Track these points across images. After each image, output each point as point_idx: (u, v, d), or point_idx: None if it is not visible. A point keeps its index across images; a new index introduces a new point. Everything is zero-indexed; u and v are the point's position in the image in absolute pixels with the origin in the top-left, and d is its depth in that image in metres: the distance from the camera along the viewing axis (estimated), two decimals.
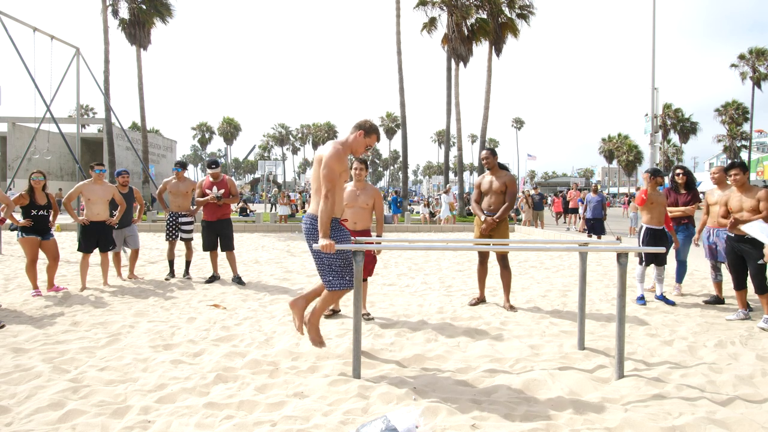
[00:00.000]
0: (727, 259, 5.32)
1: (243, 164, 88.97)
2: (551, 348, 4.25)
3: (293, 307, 3.83)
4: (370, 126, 3.68)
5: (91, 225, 6.86)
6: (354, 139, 3.67)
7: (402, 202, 23.20)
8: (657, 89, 16.76)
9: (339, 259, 3.54)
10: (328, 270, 3.56)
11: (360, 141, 3.66)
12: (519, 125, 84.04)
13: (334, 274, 3.55)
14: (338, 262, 3.55)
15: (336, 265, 3.54)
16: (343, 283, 3.56)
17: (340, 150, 3.55)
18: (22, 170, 22.93)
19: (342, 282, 3.56)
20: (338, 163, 3.51)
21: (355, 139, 3.67)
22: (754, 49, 42.48)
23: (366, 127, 3.67)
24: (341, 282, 3.56)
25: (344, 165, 3.57)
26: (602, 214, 12.98)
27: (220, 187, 7.30)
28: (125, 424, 2.82)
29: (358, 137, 3.66)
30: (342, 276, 3.56)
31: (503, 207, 5.67)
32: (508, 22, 25.75)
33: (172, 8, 27.48)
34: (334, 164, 3.49)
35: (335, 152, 3.52)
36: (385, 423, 2.56)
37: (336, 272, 3.55)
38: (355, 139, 3.67)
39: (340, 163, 3.52)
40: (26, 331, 4.70)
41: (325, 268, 3.57)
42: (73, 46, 14.82)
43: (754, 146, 47.57)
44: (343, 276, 3.56)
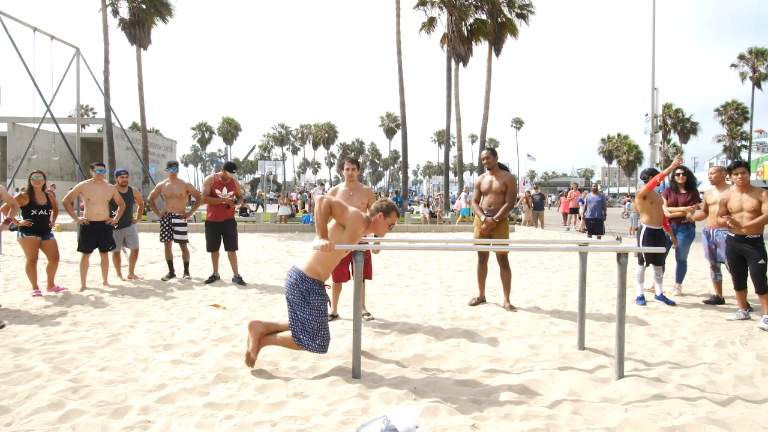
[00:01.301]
0: (728, 259, 5.32)
1: (243, 164, 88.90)
2: (551, 348, 4.25)
3: (251, 328, 3.72)
4: (387, 206, 3.69)
5: (91, 225, 6.86)
6: (375, 221, 3.68)
7: (402, 202, 23.19)
8: (657, 89, 16.76)
9: (314, 321, 3.50)
10: (300, 328, 3.52)
11: (381, 223, 3.68)
12: (519, 125, 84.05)
13: (306, 334, 3.51)
14: (312, 323, 3.50)
15: (309, 326, 3.50)
16: (312, 346, 3.52)
17: (364, 221, 3.62)
18: (22, 170, 22.94)
19: (311, 344, 3.51)
20: (355, 218, 3.54)
21: (376, 222, 3.68)
22: (754, 49, 42.49)
23: (383, 208, 3.68)
24: (310, 343, 3.51)
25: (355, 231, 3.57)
26: (602, 214, 12.99)
27: (229, 189, 7.32)
28: (125, 424, 2.82)
29: (378, 220, 3.68)
30: (312, 338, 3.51)
31: (503, 207, 5.67)
32: (508, 22, 25.76)
33: (172, 8, 27.46)
34: (352, 219, 3.53)
35: (360, 216, 3.59)
36: (385, 423, 2.56)
37: (308, 333, 3.51)
38: (376, 222, 3.68)
39: (354, 226, 3.55)
40: (26, 331, 4.70)
41: (298, 325, 3.53)
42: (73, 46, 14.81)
43: (754, 146, 47.59)
44: (314, 338, 3.51)
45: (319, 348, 3.54)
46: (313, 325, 3.51)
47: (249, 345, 3.72)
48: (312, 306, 3.51)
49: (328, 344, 3.62)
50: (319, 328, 3.53)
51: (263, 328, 3.74)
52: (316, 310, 3.52)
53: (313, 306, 3.51)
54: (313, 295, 3.51)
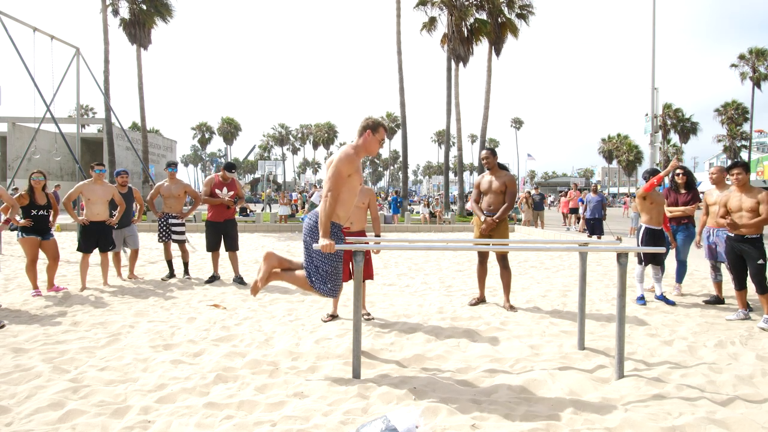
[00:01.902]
0: (727, 259, 5.32)
1: (243, 164, 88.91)
2: (551, 348, 4.25)
3: (266, 259, 3.68)
4: (373, 122, 3.63)
5: (91, 225, 6.86)
6: (364, 140, 3.62)
7: (402, 202, 23.19)
8: (657, 89, 16.76)
9: (328, 265, 3.49)
10: (314, 270, 3.51)
11: (371, 140, 3.62)
12: (518, 125, 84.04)
13: (318, 277, 3.50)
14: (326, 267, 3.49)
15: (323, 270, 3.49)
16: (324, 289, 3.50)
17: (351, 153, 3.52)
18: (22, 170, 22.94)
19: (323, 287, 3.50)
20: (347, 164, 3.48)
21: (365, 141, 3.62)
22: (754, 49, 42.48)
23: (370, 124, 3.62)
24: (322, 286, 3.50)
25: (353, 167, 3.51)
26: (602, 214, 12.99)
27: (230, 189, 7.32)
28: (125, 424, 2.82)
29: (367, 137, 3.62)
30: (325, 281, 3.50)
31: (503, 207, 5.67)
32: (508, 22, 25.74)
33: (172, 8, 27.46)
34: (342, 166, 3.46)
35: (345, 155, 3.50)
36: (385, 423, 2.56)
37: (320, 276, 3.50)
38: (365, 141, 3.62)
39: (349, 165, 3.48)
40: (26, 331, 4.70)
41: (312, 267, 3.52)
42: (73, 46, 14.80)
43: (754, 146, 47.58)
44: (326, 282, 3.50)
45: (330, 292, 3.52)
46: (327, 269, 3.48)
47: (259, 273, 3.69)
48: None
49: (340, 290, 3.59)
50: (332, 272, 3.50)
51: (277, 262, 3.70)
52: (333, 253, 3.46)
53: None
54: (331, 237, 3.46)
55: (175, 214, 7.69)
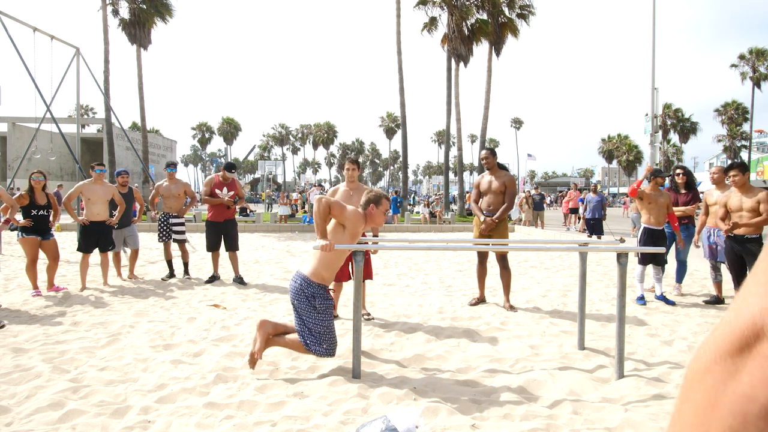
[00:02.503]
0: (727, 259, 5.32)
1: (243, 164, 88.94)
2: (551, 348, 4.25)
3: (260, 327, 3.67)
4: (375, 196, 3.72)
5: (91, 225, 6.86)
6: (369, 214, 3.70)
7: (402, 203, 23.20)
8: (657, 89, 16.73)
9: (319, 326, 3.49)
10: (307, 333, 3.51)
11: (376, 213, 3.71)
12: (518, 125, 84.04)
13: (313, 339, 3.50)
14: (318, 328, 3.49)
15: (315, 331, 3.49)
16: (320, 350, 3.50)
17: (362, 218, 3.65)
18: (22, 170, 22.94)
19: (318, 348, 3.50)
20: (352, 218, 3.58)
21: (370, 215, 3.70)
22: (754, 49, 42.48)
23: (373, 199, 3.70)
24: (317, 348, 3.50)
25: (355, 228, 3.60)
26: (602, 214, 13.00)
27: (230, 189, 7.32)
28: (125, 424, 2.82)
29: (371, 211, 3.69)
30: (319, 342, 3.50)
31: (502, 207, 5.67)
32: (508, 22, 25.74)
33: (172, 8, 27.46)
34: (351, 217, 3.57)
35: (358, 215, 3.64)
36: (385, 423, 2.56)
37: (314, 337, 3.50)
38: (370, 215, 3.70)
39: (354, 224, 3.58)
40: (26, 331, 4.70)
41: (305, 330, 3.52)
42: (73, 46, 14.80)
43: (754, 146, 47.57)
44: (321, 343, 3.50)
45: (326, 352, 3.52)
46: (320, 330, 3.50)
47: (255, 345, 3.63)
48: (318, 310, 3.49)
49: (336, 348, 3.60)
50: (326, 332, 3.51)
51: (272, 329, 3.69)
52: (322, 314, 3.50)
53: (320, 310, 3.49)
54: (318, 299, 3.49)
55: (175, 213, 7.70)
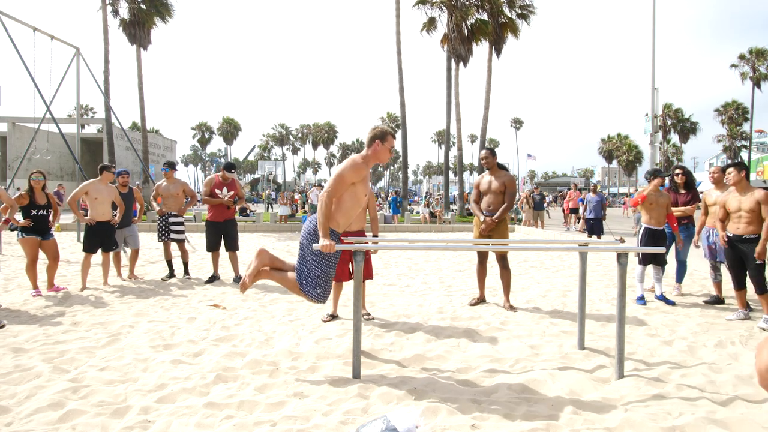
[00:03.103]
0: (726, 260, 5.32)
1: (243, 164, 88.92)
2: (551, 348, 4.25)
3: (258, 256, 3.67)
4: (380, 131, 3.62)
5: (97, 225, 6.87)
6: (374, 150, 3.62)
7: (402, 202, 23.19)
8: (657, 89, 16.73)
9: (320, 270, 3.48)
10: (305, 274, 3.50)
11: (381, 149, 3.62)
12: (518, 125, 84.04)
13: (309, 280, 3.49)
14: (318, 271, 3.48)
15: (314, 274, 3.48)
16: (313, 294, 3.49)
17: (359, 162, 3.54)
18: (22, 170, 22.93)
19: (312, 291, 3.49)
20: (352, 171, 3.49)
21: (374, 150, 3.62)
22: (754, 49, 42.47)
23: (378, 134, 3.62)
24: (312, 291, 3.49)
25: (358, 176, 3.51)
26: (602, 214, 12.99)
27: (230, 189, 7.32)
28: (125, 424, 2.82)
29: (377, 147, 3.61)
30: (315, 286, 3.49)
31: (502, 207, 5.67)
32: (508, 22, 25.72)
33: (172, 8, 27.45)
34: (347, 172, 3.48)
35: (351, 162, 3.53)
36: (385, 423, 2.56)
37: (311, 279, 3.49)
38: (374, 150, 3.62)
39: (354, 173, 3.49)
40: (26, 331, 4.70)
41: (304, 270, 3.51)
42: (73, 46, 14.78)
43: (754, 146, 47.57)
44: (316, 287, 3.49)
45: (318, 297, 3.50)
46: (319, 273, 3.47)
47: (248, 268, 3.65)
48: (323, 254, 3.45)
49: (327, 297, 3.57)
50: (324, 277, 3.49)
51: (269, 261, 3.69)
52: (327, 259, 3.46)
53: (324, 254, 3.46)
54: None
55: (174, 213, 7.70)
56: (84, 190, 6.82)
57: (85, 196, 6.86)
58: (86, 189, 6.83)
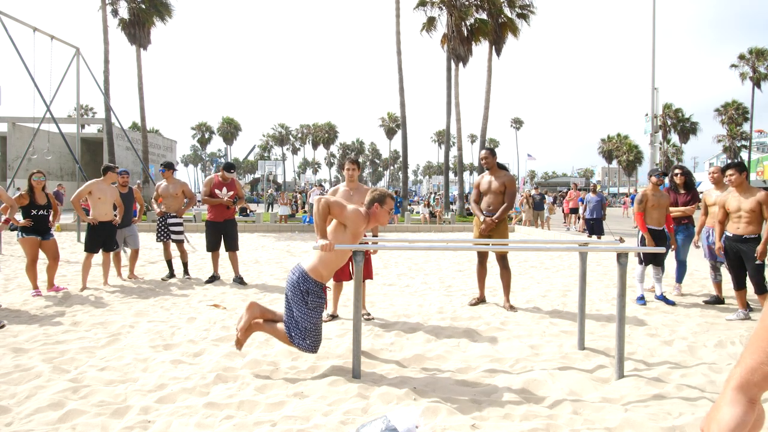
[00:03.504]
0: (726, 260, 5.32)
1: (243, 164, 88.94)
2: (551, 348, 4.25)
3: (249, 309, 3.72)
4: (380, 195, 3.68)
5: (100, 225, 6.88)
6: (374, 213, 3.67)
7: (402, 202, 23.19)
8: (657, 89, 16.72)
9: (307, 321, 3.49)
10: (294, 326, 3.52)
11: (379, 212, 3.66)
12: (518, 125, 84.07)
13: (297, 332, 3.51)
14: (305, 323, 3.49)
15: (302, 326, 3.50)
16: (303, 345, 3.51)
17: (363, 216, 3.61)
18: (22, 170, 22.94)
19: (302, 343, 3.51)
20: (354, 215, 3.55)
21: (374, 214, 3.67)
22: (754, 49, 42.47)
23: (377, 197, 3.67)
24: (301, 342, 3.51)
25: (355, 225, 3.57)
26: (602, 214, 13.00)
27: (230, 189, 7.32)
28: (125, 424, 2.82)
29: (375, 210, 3.66)
30: (304, 337, 3.50)
31: (502, 207, 5.67)
32: (508, 22, 25.73)
33: (172, 8, 27.45)
34: (349, 210, 3.55)
35: (358, 213, 3.60)
36: (385, 423, 2.56)
37: (299, 331, 3.51)
38: (374, 214, 3.67)
39: (355, 218, 3.55)
40: (26, 331, 4.70)
41: (292, 322, 3.53)
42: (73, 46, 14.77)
43: (754, 146, 47.59)
44: (305, 338, 3.51)
45: (309, 348, 3.54)
46: (306, 325, 3.51)
47: (240, 323, 3.73)
48: (309, 306, 3.50)
49: (319, 346, 3.61)
50: (312, 328, 3.52)
51: (259, 313, 3.75)
52: (312, 311, 3.51)
53: (310, 307, 3.51)
54: (312, 296, 3.51)
55: (173, 213, 7.71)
56: (88, 190, 6.83)
57: (89, 196, 6.86)
58: (90, 189, 6.83)
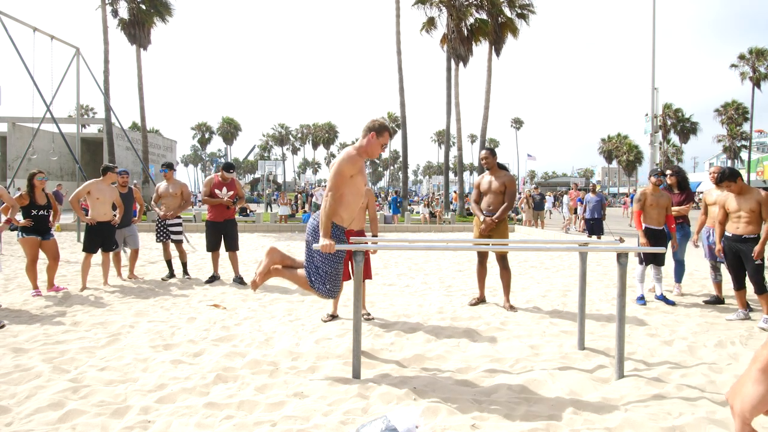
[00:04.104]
0: (726, 260, 5.32)
1: (243, 164, 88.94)
2: (551, 348, 4.25)
3: (268, 254, 3.71)
4: (379, 125, 3.60)
5: (98, 225, 6.87)
6: (368, 142, 3.60)
7: (402, 202, 23.19)
8: (657, 89, 16.70)
9: (328, 265, 3.49)
10: (314, 270, 3.53)
11: (374, 143, 3.60)
12: (518, 125, 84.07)
13: (318, 277, 3.52)
14: (326, 267, 3.50)
15: (322, 270, 3.50)
16: (323, 290, 3.52)
17: (353, 154, 3.53)
18: (22, 170, 22.94)
19: (322, 287, 3.52)
20: (348, 164, 3.48)
21: (368, 143, 3.60)
22: (754, 49, 42.45)
23: (376, 127, 3.59)
24: (321, 287, 3.52)
25: (355, 168, 3.51)
26: (601, 215, 12.99)
27: (230, 189, 7.32)
28: (125, 424, 2.82)
29: (371, 140, 3.60)
30: (324, 282, 3.51)
31: (502, 207, 5.67)
32: (508, 22, 25.71)
33: (172, 8, 27.44)
34: (344, 166, 3.47)
35: (347, 155, 3.51)
36: (385, 423, 2.56)
37: (320, 276, 3.51)
38: (368, 143, 3.60)
39: (351, 165, 3.49)
40: (26, 331, 4.70)
41: (312, 267, 3.54)
42: (73, 46, 14.75)
43: (754, 146, 47.60)
44: (325, 282, 3.51)
45: (328, 293, 3.53)
46: (327, 269, 3.49)
47: (259, 267, 3.70)
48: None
49: (338, 291, 3.59)
50: (332, 272, 3.51)
51: (279, 258, 3.73)
52: (333, 254, 3.48)
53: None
54: (332, 239, 3.47)
55: (170, 213, 7.72)
56: (86, 190, 6.83)
57: (88, 196, 6.86)
58: (89, 188, 6.83)
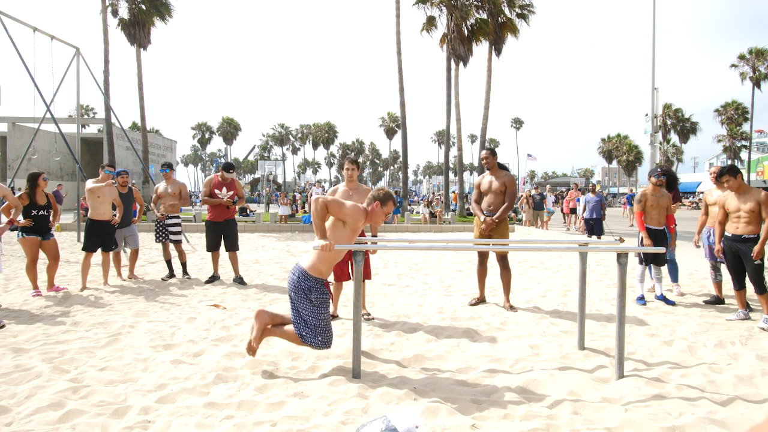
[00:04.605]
0: (726, 260, 5.32)
1: (243, 164, 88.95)
2: (551, 348, 4.25)
3: (258, 317, 3.74)
4: (384, 195, 3.69)
5: (98, 225, 6.88)
6: (372, 210, 3.68)
7: (402, 202, 23.19)
8: (657, 89, 16.70)
9: (315, 318, 3.52)
10: (303, 325, 3.54)
11: (378, 212, 3.68)
12: (518, 125, 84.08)
13: (308, 330, 3.53)
14: (314, 320, 3.52)
15: (311, 323, 3.52)
16: (315, 342, 3.54)
17: (362, 213, 3.62)
18: (22, 170, 22.94)
19: (314, 340, 3.53)
20: (353, 210, 3.56)
21: (372, 211, 3.68)
22: (754, 49, 42.45)
23: (380, 196, 3.68)
24: (313, 339, 3.53)
25: (354, 220, 3.58)
26: (601, 215, 13.00)
27: (230, 189, 7.32)
28: (125, 424, 2.82)
29: (375, 209, 3.68)
30: (315, 334, 3.53)
31: (503, 207, 5.67)
32: (508, 22, 25.70)
33: (172, 8, 27.42)
34: (348, 207, 3.55)
35: (357, 210, 3.60)
36: (385, 423, 2.56)
37: (309, 329, 3.53)
38: (372, 211, 3.68)
39: (354, 213, 3.56)
40: (26, 331, 4.70)
41: (300, 322, 3.55)
42: (73, 46, 14.74)
43: (754, 146, 47.58)
44: (316, 335, 3.53)
45: (321, 344, 3.56)
46: (315, 323, 3.53)
47: (252, 333, 3.74)
48: (314, 303, 3.52)
49: (331, 341, 3.63)
50: (321, 325, 3.54)
51: (269, 319, 3.76)
52: (318, 307, 3.53)
53: (315, 303, 3.52)
54: (314, 293, 3.52)
55: (171, 214, 7.72)
56: (96, 194, 6.86)
57: (88, 194, 6.88)
58: (91, 188, 6.85)
